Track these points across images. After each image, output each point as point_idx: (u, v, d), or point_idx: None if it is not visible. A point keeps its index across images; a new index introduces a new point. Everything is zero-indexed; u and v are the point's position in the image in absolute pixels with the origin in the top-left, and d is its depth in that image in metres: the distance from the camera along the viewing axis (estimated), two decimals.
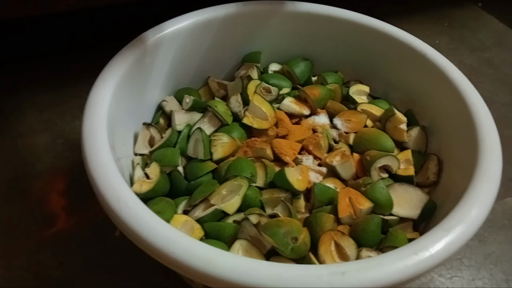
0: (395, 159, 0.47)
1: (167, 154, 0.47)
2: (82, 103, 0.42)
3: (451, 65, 0.51)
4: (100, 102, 0.42)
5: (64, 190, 0.58)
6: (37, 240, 0.53)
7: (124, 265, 0.51)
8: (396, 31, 0.56)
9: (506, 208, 0.62)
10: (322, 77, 0.59)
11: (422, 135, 0.52)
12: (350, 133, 0.52)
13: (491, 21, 1.00)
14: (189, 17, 0.54)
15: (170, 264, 0.32)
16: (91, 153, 0.37)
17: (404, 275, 0.31)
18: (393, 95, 0.59)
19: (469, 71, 0.85)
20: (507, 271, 0.55)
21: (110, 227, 0.53)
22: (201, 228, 0.42)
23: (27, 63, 0.76)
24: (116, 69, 0.46)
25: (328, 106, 0.55)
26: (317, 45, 0.61)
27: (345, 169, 0.47)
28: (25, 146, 0.63)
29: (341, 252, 0.40)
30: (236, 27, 0.58)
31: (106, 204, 0.34)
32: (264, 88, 0.54)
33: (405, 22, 0.95)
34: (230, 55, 0.60)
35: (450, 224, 0.35)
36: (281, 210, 0.43)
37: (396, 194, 0.45)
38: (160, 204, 0.43)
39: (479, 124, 0.43)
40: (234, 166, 0.45)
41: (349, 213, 0.43)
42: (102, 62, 0.47)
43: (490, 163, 0.40)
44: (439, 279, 0.53)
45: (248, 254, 0.40)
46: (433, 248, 0.33)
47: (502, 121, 0.75)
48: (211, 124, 0.51)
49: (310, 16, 0.58)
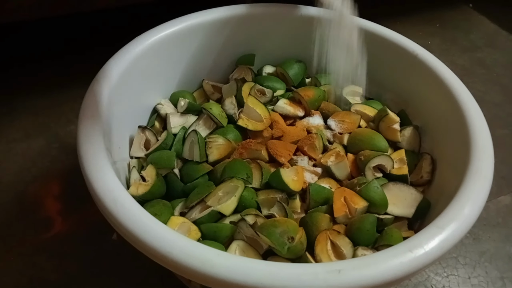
0: (389, 159, 0.48)
1: (163, 156, 0.47)
2: (76, 107, 0.42)
3: (443, 66, 0.51)
4: (95, 105, 0.42)
5: (59, 194, 0.58)
6: (33, 243, 0.53)
7: (120, 268, 0.51)
8: (388, 33, 0.56)
9: (500, 206, 0.63)
10: (316, 79, 0.59)
11: (415, 135, 0.53)
12: (344, 133, 0.52)
13: (482, 22, 1.01)
14: (183, 20, 0.54)
15: (167, 265, 0.32)
16: (87, 156, 0.37)
17: (399, 273, 0.32)
18: (386, 96, 0.59)
19: (461, 71, 0.86)
20: (501, 269, 0.55)
21: (106, 230, 0.53)
22: (198, 229, 0.42)
23: (21, 67, 0.76)
24: (110, 72, 0.46)
25: (322, 107, 0.55)
26: (310, 47, 0.61)
27: (340, 169, 0.48)
28: (20, 150, 0.63)
29: (337, 251, 0.40)
30: (230, 30, 0.58)
31: (103, 206, 0.34)
32: (258, 90, 0.54)
33: (397, 23, 0.96)
34: (224, 58, 0.61)
35: (444, 222, 0.35)
36: (277, 211, 0.43)
37: (390, 193, 0.45)
38: (156, 206, 0.43)
39: (471, 123, 0.44)
40: (229, 168, 0.46)
41: (345, 213, 0.43)
42: (96, 66, 0.47)
43: (482, 161, 0.40)
44: (435, 278, 0.54)
45: (245, 254, 0.40)
46: (428, 246, 0.33)
47: (494, 121, 0.75)
48: (206, 126, 0.52)
49: (303, 18, 0.59)
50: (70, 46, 0.81)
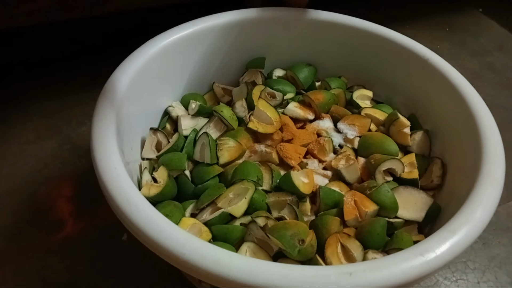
0: (399, 163, 0.48)
1: (174, 158, 0.47)
2: (87, 110, 0.43)
3: (453, 70, 0.51)
4: (108, 107, 0.43)
5: (71, 195, 0.59)
6: (45, 245, 0.53)
7: (131, 269, 0.51)
8: (398, 37, 0.56)
9: (510, 211, 0.62)
10: (326, 82, 0.59)
11: (426, 139, 0.53)
12: (355, 137, 0.52)
13: (492, 26, 1.00)
14: (194, 24, 0.55)
15: (180, 265, 0.32)
16: (101, 157, 0.38)
17: (410, 276, 0.32)
18: (396, 100, 0.59)
19: (470, 75, 0.85)
20: (511, 274, 0.55)
21: (117, 232, 0.54)
22: (209, 231, 0.42)
23: (32, 71, 0.77)
24: (123, 75, 0.46)
25: (332, 111, 0.55)
26: (320, 51, 0.62)
27: (350, 172, 0.48)
28: (32, 152, 0.64)
29: (348, 254, 0.40)
30: (240, 34, 0.58)
31: (116, 207, 0.35)
32: (268, 93, 0.55)
33: (407, 27, 0.96)
34: (235, 61, 0.61)
35: (455, 226, 0.35)
36: (287, 213, 0.43)
37: (400, 197, 0.45)
38: (168, 207, 0.43)
39: (481, 127, 0.44)
40: (240, 170, 0.46)
41: (355, 216, 0.43)
42: (106, 69, 0.47)
43: (493, 165, 0.40)
44: (445, 282, 0.53)
45: (255, 256, 0.40)
46: (439, 250, 0.33)
47: (504, 125, 0.75)
48: (217, 128, 0.52)
49: (313, 22, 0.59)
50: (80, 49, 0.82)
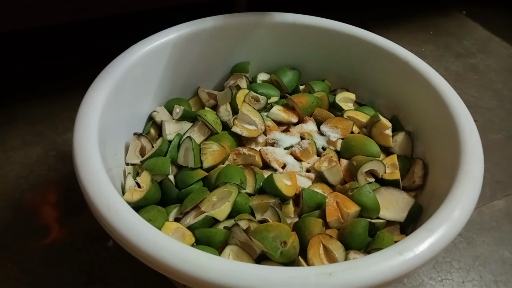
0: (381, 164, 0.48)
1: (158, 163, 0.48)
2: (74, 116, 0.43)
3: (434, 72, 0.52)
4: (90, 113, 0.43)
5: (56, 201, 0.59)
6: (30, 250, 0.53)
7: (117, 275, 0.51)
8: (380, 40, 0.57)
9: (494, 210, 0.63)
10: (310, 86, 0.60)
11: (408, 140, 0.53)
12: (337, 139, 0.53)
13: (475, 28, 1.02)
14: (178, 29, 0.55)
15: (161, 269, 0.32)
16: (82, 162, 0.38)
17: (389, 275, 0.32)
18: (379, 102, 0.60)
19: (454, 77, 0.87)
20: (495, 272, 0.55)
21: (102, 237, 0.54)
22: (192, 234, 0.42)
23: (19, 77, 0.77)
24: (106, 81, 0.46)
25: (316, 114, 0.56)
26: (304, 55, 0.62)
27: (333, 174, 0.48)
28: (18, 159, 0.64)
29: (330, 255, 0.40)
30: (224, 38, 0.59)
31: (97, 212, 0.35)
32: (252, 97, 0.55)
33: (391, 30, 0.97)
34: (219, 66, 0.62)
35: (434, 225, 0.36)
36: (270, 216, 0.44)
37: (382, 198, 0.46)
38: (151, 212, 0.43)
39: (460, 128, 0.45)
40: (224, 174, 0.46)
41: (337, 217, 0.43)
42: (93, 75, 0.47)
43: (472, 165, 0.41)
44: (430, 282, 0.54)
45: (238, 259, 0.40)
46: (418, 248, 0.34)
47: (487, 126, 0.76)
48: (201, 133, 0.52)
49: (297, 26, 0.60)
50: (67, 55, 0.82)
